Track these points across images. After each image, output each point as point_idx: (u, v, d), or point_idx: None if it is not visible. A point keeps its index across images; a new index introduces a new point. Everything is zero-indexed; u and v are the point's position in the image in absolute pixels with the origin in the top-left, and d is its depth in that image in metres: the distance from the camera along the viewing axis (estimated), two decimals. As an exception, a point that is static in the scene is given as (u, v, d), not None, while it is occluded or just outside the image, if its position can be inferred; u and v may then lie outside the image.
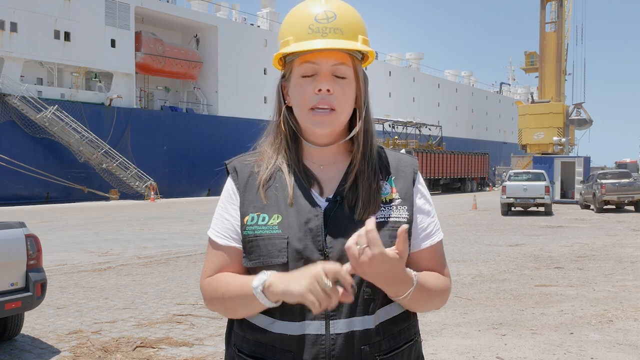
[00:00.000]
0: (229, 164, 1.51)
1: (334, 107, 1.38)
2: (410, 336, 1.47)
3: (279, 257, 1.36)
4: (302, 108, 1.40)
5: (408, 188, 1.47)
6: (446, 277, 1.48)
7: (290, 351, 1.36)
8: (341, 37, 1.37)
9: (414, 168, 1.50)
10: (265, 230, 1.38)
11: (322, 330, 1.35)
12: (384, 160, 1.49)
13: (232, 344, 1.48)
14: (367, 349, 1.37)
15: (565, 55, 45.54)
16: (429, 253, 1.47)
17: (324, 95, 1.37)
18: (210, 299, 1.45)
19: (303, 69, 1.39)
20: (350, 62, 1.40)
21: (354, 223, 1.37)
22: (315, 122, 1.39)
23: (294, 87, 1.41)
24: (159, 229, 16.71)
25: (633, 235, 14.75)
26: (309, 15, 1.38)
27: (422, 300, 1.39)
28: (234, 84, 42.86)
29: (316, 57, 1.37)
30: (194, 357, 5.00)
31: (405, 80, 62.24)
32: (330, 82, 1.38)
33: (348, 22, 1.39)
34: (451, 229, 16.33)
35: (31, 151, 31.68)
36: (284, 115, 1.45)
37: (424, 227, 1.47)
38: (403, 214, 1.42)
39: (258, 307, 1.34)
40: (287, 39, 1.40)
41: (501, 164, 68.09)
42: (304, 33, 1.37)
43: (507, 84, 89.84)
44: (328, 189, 1.44)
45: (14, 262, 5.04)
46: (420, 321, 5.97)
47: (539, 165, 31.32)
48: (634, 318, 6.23)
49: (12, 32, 31.77)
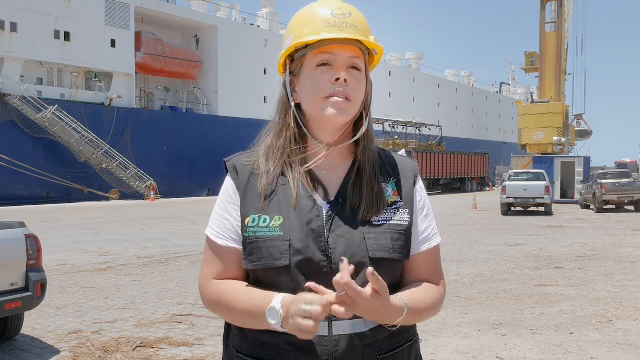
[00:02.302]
0: (229, 162, 1.48)
1: (351, 97, 1.38)
2: (410, 336, 1.47)
3: (281, 259, 1.34)
4: (316, 96, 1.38)
5: (409, 191, 1.47)
6: (440, 287, 1.48)
7: (292, 351, 1.35)
8: (357, 33, 1.40)
9: (414, 171, 1.51)
10: (266, 232, 1.36)
11: (325, 331, 1.34)
12: (385, 163, 1.49)
13: (230, 346, 1.47)
14: (368, 349, 1.37)
15: (565, 55, 45.54)
16: (426, 257, 1.48)
17: (341, 84, 1.37)
18: (211, 305, 1.44)
19: (319, 58, 1.39)
20: (363, 58, 1.43)
21: (357, 224, 1.37)
22: (332, 107, 1.37)
23: (307, 77, 1.40)
24: (159, 229, 16.71)
25: (633, 235, 14.75)
26: (325, 11, 1.40)
27: (414, 320, 1.41)
28: (234, 84, 42.86)
29: (333, 48, 1.38)
30: (194, 357, 5.00)
31: (405, 80, 62.24)
32: (347, 72, 1.38)
33: (361, 21, 1.43)
34: (451, 229, 16.34)
35: (31, 151, 31.69)
36: (293, 112, 1.43)
37: (422, 231, 1.48)
38: (404, 217, 1.43)
39: (266, 326, 1.31)
40: (303, 31, 1.40)
41: (501, 164, 68.08)
42: (322, 26, 1.38)
43: (507, 84, 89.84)
44: (330, 190, 1.43)
45: (14, 262, 5.04)
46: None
47: (539, 165, 31.31)
48: (634, 318, 6.23)
49: (12, 32, 31.77)
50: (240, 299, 1.36)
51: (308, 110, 1.42)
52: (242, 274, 1.43)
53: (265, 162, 1.44)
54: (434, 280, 1.48)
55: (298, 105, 1.44)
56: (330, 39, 1.37)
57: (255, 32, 46.10)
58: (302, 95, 1.42)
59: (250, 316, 1.33)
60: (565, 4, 44.81)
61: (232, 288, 1.39)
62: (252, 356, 1.40)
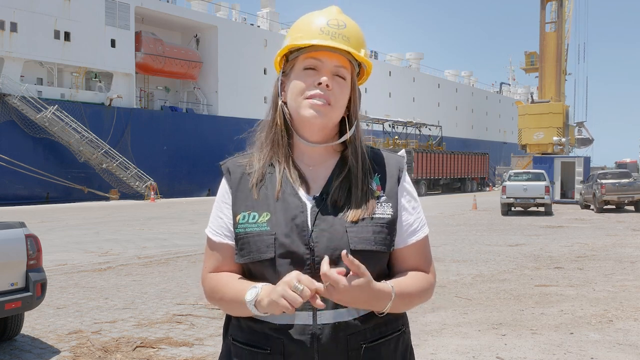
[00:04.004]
0: (223, 165, 1.59)
1: (330, 101, 1.46)
2: (397, 327, 1.53)
3: (267, 252, 1.43)
4: (298, 95, 1.48)
5: (393, 186, 1.53)
6: (429, 274, 1.54)
7: (280, 338, 1.44)
8: (347, 44, 1.48)
9: (399, 166, 1.57)
10: (255, 227, 1.46)
11: (309, 320, 1.43)
12: (370, 159, 1.56)
13: (229, 335, 1.57)
14: (352, 337, 1.44)
15: (565, 55, 45.53)
16: (415, 249, 1.54)
17: (323, 88, 1.46)
18: (209, 296, 1.56)
19: (307, 62, 1.48)
20: (349, 69, 1.51)
21: (340, 218, 1.45)
22: (311, 108, 1.45)
23: (294, 78, 1.50)
24: (159, 229, 16.71)
25: (633, 235, 14.75)
26: (322, 20, 1.50)
27: (404, 305, 1.47)
28: (234, 84, 42.86)
29: (321, 55, 1.48)
30: (194, 357, 5.00)
31: (405, 80, 62.23)
32: (331, 79, 1.47)
33: (355, 34, 1.51)
34: (451, 229, 16.34)
35: (31, 151, 31.68)
36: (280, 108, 1.53)
37: (410, 223, 1.54)
38: (387, 211, 1.49)
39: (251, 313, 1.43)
40: (298, 35, 1.50)
41: (501, 164, 68.06)
42: (316, 33, 1.48)
43: (507, 84, 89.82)
44: (315, 187, 1.51)
45: (14, 262, 5.04)
46: (420, 321, 5.92)
47: (539, 165, 31.31)
48: (634, 318, 6.23)
49: (12, 32, 31.77)
50: (229, 288, 1.48)
51: (290, 108, 1.51)
52: (237, 268, 1.53)
53: (256, 161, 1.54)
54: (424, 269, 1.54)
55: (286, 103, 1.53)
56: (320, 45, 1.46)
57: (255, 32, 46.09)
58: (288, 94, 1.51)
59: (236, 303, 1.45)
60: (565, 4, 44.81)
61: (224, 279, 1.51)
62: (245, 344, 1.50)
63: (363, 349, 1.44)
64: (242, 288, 1.44)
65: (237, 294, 1.44)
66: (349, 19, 1.52)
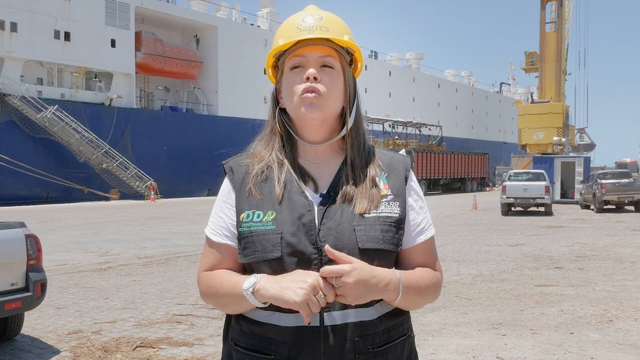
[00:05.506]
0: (226, 164, 1.56)
1: (320, 92, 1.44)
2: (403, 331, 1.51)
3: (273, 251, 1.40)
4: (292, 97, 1.47)
5: (400, 185, 1.52)
6: (437, 271, 1.55)
7: (285, 342, 1.39)
8: (327, 34, 1.47)
9: (406, 166, 1.57)
10: (260, 226, 1.43)
11: (316, 322, 1.38)
12: (377, 159, 1.55)
13: (229, 339, 1.52)
14: (361, 341, 1.40)
15: (565, 55, 45.51)
16: (422, 248, 1.53)
17: (312, 82, 1.44)
18: (204, 294, 1.52)
19: (292, 62, 1.48)
20: (337, 57, 1.49)
21: (348, 217, 1.43)
22: (304, 104, 1.44)
23: (285, 82, 1.49)
24: (159, 229, 16.71)
25: (633, 235, 14.75)
26: (297, 19, 1.50)
27: (415, 298, 1.46)
28: (234, 84, 42.86)
29: (304, 51, 1.47)
30: (194, 357, 5.00)
31: (405, 80, 62.22)
32: (319, 70, 1.46)
33: (333, 23, 1.50)
34: (451, 229, 16.34)
35: (31, 151, 31.67)
36: (278, 116, 1.52)
37: (417, 223, 1.53)
38: (395, 210, 1.48)
39: (249, 306, 1.40)
40: (279, 40, 1.50)
41: (501, 164, 68.08)
42: (293, 32, 1.48)
43: (507, 84, 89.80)
44: (322, 185, 1.49)
45: (14, 262, 5.04)
46: (420, 321, 5.93)
47: (539, 165, 31.31)
48: (634, 318, 6.23)
49: (12, 32, 31.77)
50: (225, 282, 1.44)
51: (290, 112, 1.50)
52: (236, 268, 1.49)
53: (259, 161, 1.52)
54: (431, 267, 1.54)
55: (285, 110, 1.53)
56: (300, 41, 1.46)
57: (255, 32, 46.09)
58: (284, 99, 1.51)
59: (232, 296, 1.41)
60: (565, 4, 44.77)
61: (220, 275, 1.48)
62: (248, 349, 1.45)
63: (371, 353, 1.41)
64: (239, 279, 1.41)
65: (233, 285, 1.41)
66: (326, 12, 1.52)
